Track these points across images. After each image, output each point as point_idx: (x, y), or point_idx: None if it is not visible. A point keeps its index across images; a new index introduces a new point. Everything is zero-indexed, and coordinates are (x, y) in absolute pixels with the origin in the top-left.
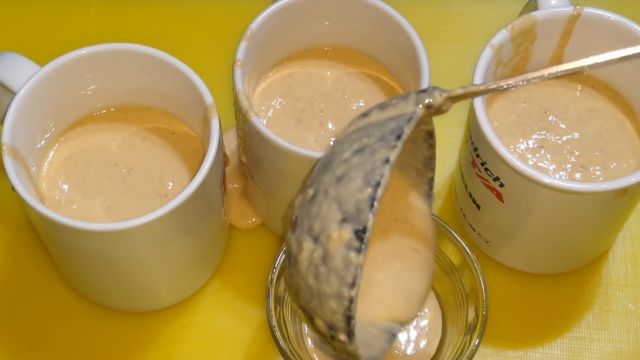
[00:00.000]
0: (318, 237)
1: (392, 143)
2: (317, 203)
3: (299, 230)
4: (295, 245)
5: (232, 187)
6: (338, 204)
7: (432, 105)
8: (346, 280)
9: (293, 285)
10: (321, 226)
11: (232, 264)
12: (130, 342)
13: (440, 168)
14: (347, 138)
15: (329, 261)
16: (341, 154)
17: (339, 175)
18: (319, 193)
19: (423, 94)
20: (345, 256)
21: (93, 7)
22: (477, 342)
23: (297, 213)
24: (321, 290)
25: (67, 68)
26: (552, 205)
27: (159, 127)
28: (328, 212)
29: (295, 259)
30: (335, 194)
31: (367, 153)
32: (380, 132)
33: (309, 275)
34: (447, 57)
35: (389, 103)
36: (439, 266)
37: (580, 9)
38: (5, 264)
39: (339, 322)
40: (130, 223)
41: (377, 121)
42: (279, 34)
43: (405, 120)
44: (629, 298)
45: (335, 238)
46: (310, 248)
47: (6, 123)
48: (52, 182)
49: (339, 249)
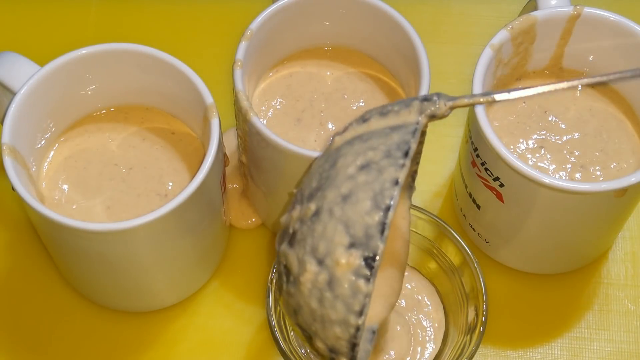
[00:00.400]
0: (323, 261)
1: (400, 161)
2: (321, 222)
3: (300, 249)
4: (296, 264)
5: (232, 187)
6: (345, 227)
7: (436, 115)
8: (353, 308)
9: (292, 303)
10: (327, 249)
11: (232, 264)
12: (130, 342)
13: (440, 168)
14: (349, 149)
15: (335, 287)
16: (345, 169)
17: (345, 193)
18: (323, 211)
19: (427, 102)
20: (353, 284)
21: (93, 7)
22: (477, 342)
23: (296, 227)
24: (325, 315)
25: (67, 68)
26: (552, 205)
27: (159, 127)
28: (334, 234)
29: (296, 278)
30: (342, 214)
31: (374, 171)
32: (386, 147)
33: (312, 298)
34: (447, 57)
35: (390, 109)
36: (439, 266)
37: (580, 9)
38: (5, 264)
39: (342, 348)
40: (130, 223)
41: (378, 130)
42: (279, 34)
43: (410, 133)
44: (629, 298)
45: (343, 264)
46: (314, 271)
47: (6, 123)
48: (52, 182)
49: (347, 276)
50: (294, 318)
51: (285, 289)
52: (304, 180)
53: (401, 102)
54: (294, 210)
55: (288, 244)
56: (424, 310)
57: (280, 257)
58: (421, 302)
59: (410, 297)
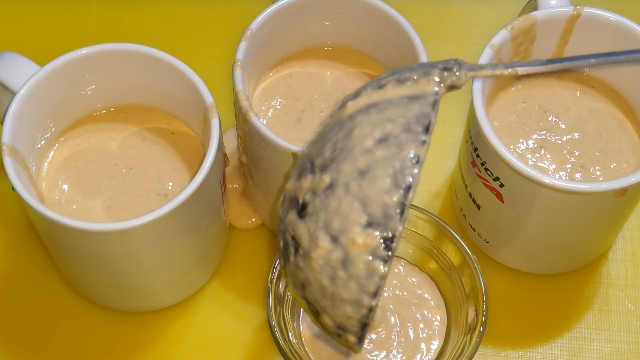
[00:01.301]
0: (337, 238)
1: (420, 137)
2: (336, 197)
3: (312, 222)
4: (307, 238)
5: (232, 187)
6: (362, 205)
7: (456, 85)
8: (368, 289)
9: (299, 276)
10: (342, 226)
11: (232, 264)
12: (130, 342)
13: (440, 168)
14: (364, 119)
15: (349, 267)
16: (362, 141)
17: (362, 168)
18: (338, 185)
19: (448, 72)
20: (369, 264)
21: (93, 7)
22: (477, 342)
23: (307, 198)
24: (337, 294)
25: (67, 68)
26: (552, 205)
27: (159, 127)
28: (351, 211)
29: (306, 252)
30: (359, 191)
31: (393, 146)
32: (405, 119)
33: (323, 275)
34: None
35: (408, 76)
36: (439, 266)
37: (580, 9)
38: (5, 264)
39: (352, 327)
40: (130, 223)
41: (395, 98)
42: (279, 34)
43: (430, 106)
44: (629, 298)
45: (360, 244)
46: (328, 248)
47: (6, 123)
48: (52, 182)
49: (363, 256)
50: (301, 291)
51: (293, 261)
52: (315, 145)
53: (419, 69)
54: (304, 178)
55: (298, 214)
56: (427, 305)
57: (287, 227)
58: (424, 297)
59: (412, 292)
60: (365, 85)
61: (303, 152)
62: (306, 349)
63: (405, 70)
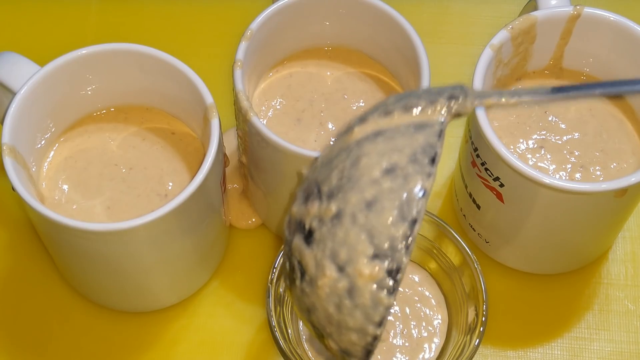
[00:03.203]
0: (344, 268)
1: (426, 169)
2: (343, 227)
3: (319, 250)
4: (313, 265)
5: (232, 187)
6: (369, 236)
7: (461, 113)
8: (373, 319)
9: (305, 302)
10: (348, 256)
11: (232, 264)
12: (130, 342)
13: (441, 168)
14: (371, 147)
15: (355, 296)
16: (369, 171)
17: (369, 199)
18: (345, 215)
19: (454, 101)
20: (375, 295)
21: (93, 7)
22: (477, 342)
23: (314, 225)
24: (342, 321)
25: (67, 68)
26: (552, 205)
27: (159, 127)
28: (357, 242)
29: (313, 280)
30: (365, 222)
31: (400, 177)
32: (411, 149)
33: (329, 302)
34: (447, 57)
35: (415, 103)
36: (439, 266)
37: (580, 9)
38: (5, 264)
39: (356, 352)
40: (130, 223)
41: (402, 126)
42: (279, 34)
43: (435, 135)
44: (629, 298)
45: (366, 275)
46: (334, 277)
47: (6, 123)
48: (52, 182)
49: (369, 287)
50: (307, 315)
51: (299, 286)
52: (321, 169)
53: (426, 96)
54: (311, 204)
55: (304, 240)
56: (429, 304)
57: (293, 251)
58: (425, 295)
59: (415, 290)
60: (372, 109)
61: (309, 174)
62: (306, 349)
63: (412, 97)
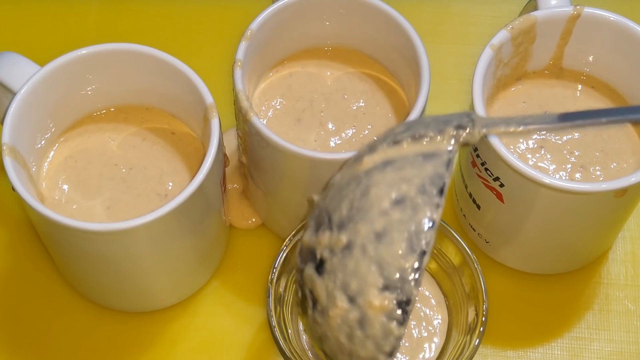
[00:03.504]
0: (355, 299)
1: (435, 200)
2: (353, 258)
3: (330, 281)
4: (324, 296)
5: (232, 187)
6: (379, 268)
7: (469, 142)
8: (384, 349)
9: (318, 331)
10: (359, 288)
11: (232, 264)
12: (130, 342)
13: None
14: (380, 178)
15: (366, 327)
16: (379, 202)
17: (379, 230)
18: (356, 247)
19: (461, 131)
20: (385, 326)
21: (93, 7)
22: (477, 342)
23: (325, 255)
24: (354, 351)
25: (67, 68)
26: (552, 205)
27: (159, 127)
28: (368, 274)
29: (324, 310)
30: (375, 254)
31: (409, 208)
32: (420, 179)
33: (341, 333)
34: (447, 57)
35: (423, 134)
36: (439, 266)
37: (580, 9)
38: (5, 264)
39: None
40: (130, 223)
41: (410, 156)
42: (279, 34)
43: (444, 165)
44: (629, 298)
45: (377, 306)
46: (345, 308)
47: (6, 123)
48: (52, 182)
49: (379, 318)
50: (319, 343)
51: (311, 315)
52: (331, 197)
53: (434, 125)
54: (322, 234)
55: (315, 270)
56: (429, 304)
57: (305, 280)
58: (426, 296)
59: None
60: (381, 138)
61: (319, 202)
62: (306, 349)
63: (421, 126)
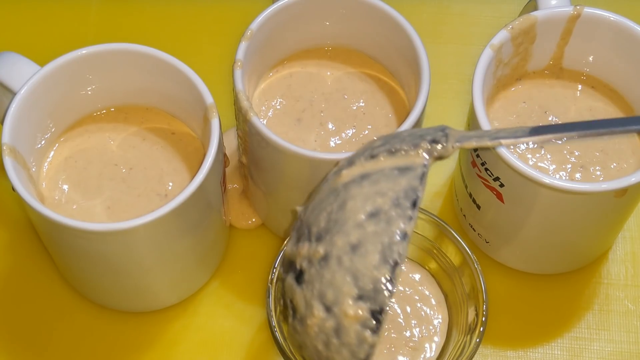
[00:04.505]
0: (331, 308)
1: (408, 212)
2: (330, 269)
3: (308, 291)
4: (303, 305)
5: (232, 187)
6: (354, 278)
7: (443, 156)
8: (359, 356)
9: (297, 339)
10: (335, 298)
11: (232, 264)
12: (130, 342)
13: (441, 168)
14: (357, 191)
15: (342, 335)
16: (355, 215)
17: (354, 243)
18: (332, 258)
19: (435, 145)
20: (359, 334)
21: (93, 7)
22: (477, 342)
23: (304, 265)
24: (330, 357)
25: (67, 68)
26: (552, 205)
27: (159, 127)
28: (343, 284)
29: (303, 319)
30: (350, 265)
31: (383, 221)
32: (394, 193)
33: (318, 340)
34: (447, 57)
35: (399, 148)
36: (439, 266)
37: (580, 9)
38: (5, 264)
39: None
40: (130, 223)
41: (386, 169)
42: (279, 34)
43: (418, 179)
44: (629, 298)
45: (351, 315)
46: (322, 317)
47: (6, 123)
48: (52, 182)
49: (354, 327)
50: (299, 350)
51: (291, 323)
52: (312, 209)
53: (410, 140)
54: (302, 246)
55: (295, 280)
56: (429, 303)
57: (286, 290)
58: (426, 295)
59: (415, 289)
60: (359, 152)
61: (301, 214)
62: None
63: (397, 141)
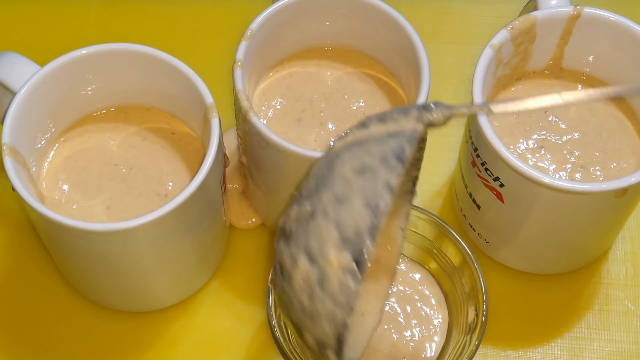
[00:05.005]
0: (316, 259)
1: (393, 164)
2: (316, 222)
3: (294, 246)
4: (289, 260)
5: (232, 187)
6: (338, 228)
7: (434, 123)
8: (341, 304)
9: (284, 298)
10: (319, 248)
11: (232, 264)
12: (130, 342)
13: (440, 168)
14: (347, 153)
15: (325, 285)
16: (341, 171)
17: (340, 195)
18: (318, 212)
19: (425, 111)
20: (342, 282)
21: (93, 7)
22: (477, 342)
23: (292, 226)
24: (315, 311)
25: (67, 68)
26: (552, 205)
27: (159, 127)
28: (328, 234)
29: (288, 274)
30: (335, 216)
31: (369, 176)
32: (381, 152)
33: (302, 294)
34: (447, 57)
35: (389, 116)
36: (439, 266)
37: (580, 9)
38: (5, 264)
39: (330, 342)
40: (130, 223)
41: (377, 135)
42: (279, 34)
43: (406, 140)
44: (629, 298)
45: (334, 263)
46: (307, 268)
47: (6, 123)
48: (52, 182)
49: (337, 274)
50: (286, 312)
51: (279, 284)
52: (303, 182)
53: (400, 110)
54: (292, 209)
55: (284, 241)
56: (429, 303)
57: (276, 254)
58: (426, 295)
59: (415, 289)
60: (352, 126)
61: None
62: None
63: (388, 112)
